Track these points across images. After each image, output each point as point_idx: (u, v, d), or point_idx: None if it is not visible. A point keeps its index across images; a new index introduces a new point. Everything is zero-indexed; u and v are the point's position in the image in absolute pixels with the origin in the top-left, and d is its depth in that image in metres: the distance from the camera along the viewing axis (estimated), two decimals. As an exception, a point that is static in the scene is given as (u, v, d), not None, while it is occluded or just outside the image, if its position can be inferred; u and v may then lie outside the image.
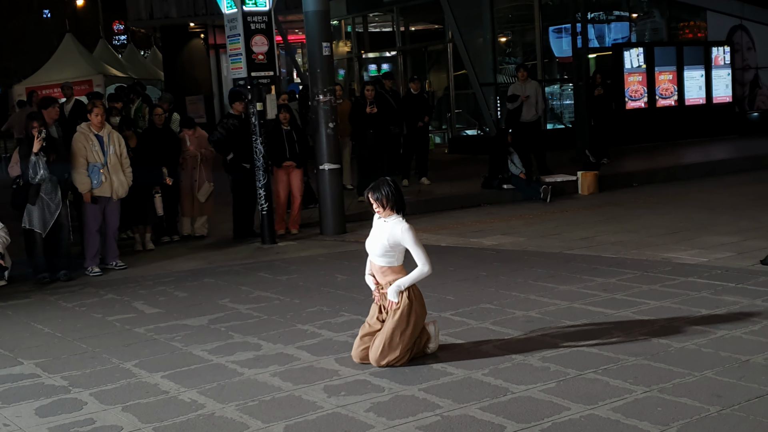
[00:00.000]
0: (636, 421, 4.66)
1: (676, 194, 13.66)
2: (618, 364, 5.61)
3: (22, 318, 7.84)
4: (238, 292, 8.39)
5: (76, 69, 25.78)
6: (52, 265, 9.43)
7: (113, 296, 8.56)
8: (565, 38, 20.99)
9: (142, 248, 11.03)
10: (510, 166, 13.91)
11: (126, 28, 45.61)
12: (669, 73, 20.67)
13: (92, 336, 7.05)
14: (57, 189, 9.30)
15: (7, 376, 6.06)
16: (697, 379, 5.28)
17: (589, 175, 14.42)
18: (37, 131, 9.08)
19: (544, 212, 12.61)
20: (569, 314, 6.89)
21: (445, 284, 8.20)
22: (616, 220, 11.55)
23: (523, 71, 15.76)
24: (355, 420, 4.92)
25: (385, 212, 5.89)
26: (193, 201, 11.63)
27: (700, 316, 6.64)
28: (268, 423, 4.93)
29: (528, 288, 7.87)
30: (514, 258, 9.35)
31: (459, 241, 10.66)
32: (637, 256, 9.01)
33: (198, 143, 11.68)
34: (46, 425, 5.08)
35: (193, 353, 6.40)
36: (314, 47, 11.44)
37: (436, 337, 6.06)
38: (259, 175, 10.89)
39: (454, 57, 21.70)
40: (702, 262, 8.58)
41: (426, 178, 15.35)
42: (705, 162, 16.77)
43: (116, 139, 9.83)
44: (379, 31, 26.17)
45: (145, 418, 5.11)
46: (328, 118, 11.38)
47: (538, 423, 4.71)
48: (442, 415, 4.90)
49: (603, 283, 7.86)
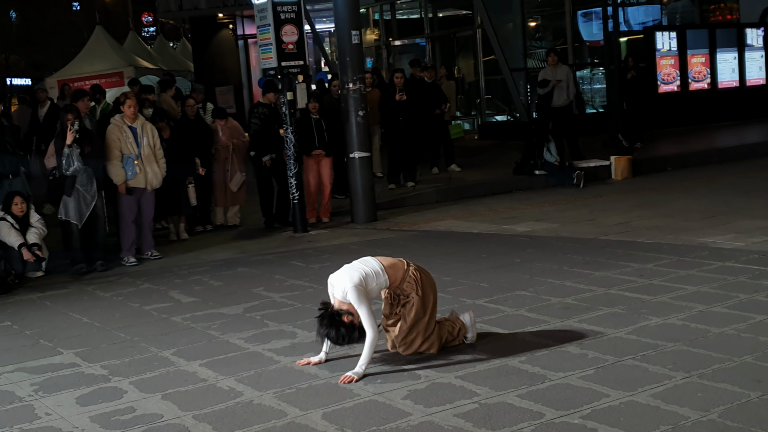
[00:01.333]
0: (676, 407, 4.63)
1: (711, 178, 13.54)
2: (656, 350, 5.57)
3: (60, 308, 7.93)
4: (272, 281, 8.42)
5: (107, 61, 25.90)
6: (89, 256, 9.52)
7: (149, 286, 8.62)
8: (595, 22, 20.82)
9: (176, 238, 11.11)
10: (545, 153, 13.82)
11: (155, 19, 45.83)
12: (701, 56, 20.44)
13: (130, 325, 7.12)
14: (92, 180, 9.37)
15: (48, 366, 6.13)
16: (737, 364, 5.24)
17: (622, 159, 14.31)
18: (71, 123, 9.15)
19: (577, 198, 12.54)
20: (606, 300, 6.85)
21: (479, 271, 8.18)
22: (650, 204, 11.47)
23: (554, 56, 15.66)
24: (392, 407, 4.92)
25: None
26: (225, 191, 11.70)
27: (738, 301, 6.58)
28: (306, 410, 4.95)
29: (563, 274, 7.83)
30: (548, 244, 9.31)
31: (491, 227, 10.62)
32: (673, 241, 8.94)
33: (230, 134, 11.73)
34: (87, 414, 5.13)
35: (229, 341, 6.44)
36: (343, 36, 11.43)
37: (473, 326, 6.02)
38: (290, 164, 10.92)
39: (483, 43, 21.59)
40: (739, 246, 8.49)
41: (456, 165, 15.29)
42: (739, 145, 16.60)
43: (149, 130, 9.89)
44: (407, 18, 26.09)
45: (185, 406, 5.15)
46: (358, 106, 11.38)
47: (578, 410, 4.69)
48: (479, 403, 4.90)
49: (639, 269, 7.80)
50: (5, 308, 8.08)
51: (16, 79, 50.07)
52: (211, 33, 27.70)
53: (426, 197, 12.99)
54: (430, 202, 12.88)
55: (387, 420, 4.74)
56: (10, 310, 7.98)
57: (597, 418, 4.56)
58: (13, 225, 9.21)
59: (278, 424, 4.79)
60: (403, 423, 4.68)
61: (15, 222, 9.23)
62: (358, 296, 5.45)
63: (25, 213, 9.33)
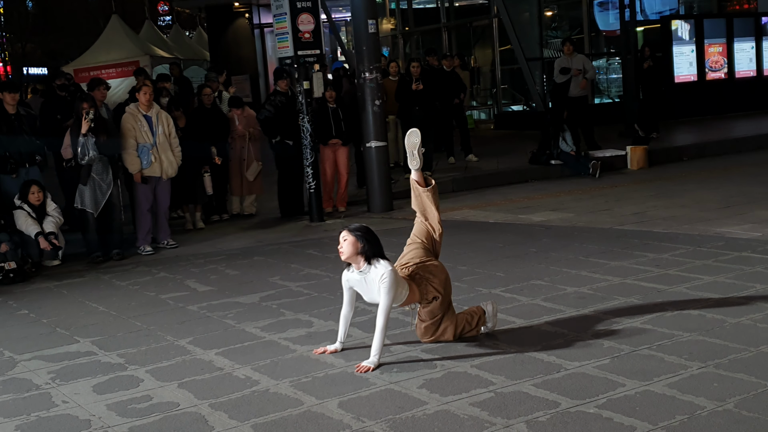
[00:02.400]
0: (692, 397, 4.62)
1: (727, 168, 13.47)
2: (672, 340, 5.56)
3: (77, 297, 7.97)
4: (288, 270, 8.44)
5: (123, 50, 26.00)
6: (105, 245, 9.56)
7: (165, 274, 8.66)
8: (611, 11, 20.73)
9: (192, 227, 11.14)
10: (561, 143, 13.78)
11: (171, 8, 45.86)
12: (719, 45, 20.32)
13: (146, 314, 7.15)
14: (108, 169, 9.40)
15: (65, 354, 6.17)
16: (753, 354, 5.22)
17: (638, 149, 14.25)
18: (86, 112, 9.18)
19: (593, 188, 12.50)
20: (622, 290, 6.83)
21: (495, 261, 8.17)
22: (666, 194, 11.42)
23: (569, 45, 15.60)
24: (408, 396, 4.93)
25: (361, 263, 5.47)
26: (241, 180, 11.72)
27: (755, 291, 6.55)
28: (323, 399, 4.96)
29: (579, 264, 7.82)
30: (564, 234, 9.29)
31: (507, 217, 10.61)
32: (689, 231, 8.91)
33: (246, 122, 11.74)
34: (104, 402, 5.16)
35: (246, 330, 6.46)
36: (360, 25, 11.43)
37: (494, 316, 5.99)
38: (306, 153, 10.93)
39: (499, 32, 21.53)
40: (755, 236, 8.45)
41: (473, 155, 15.28)
42: (756, 135, 16.48)
43: (164, 119, 9.91)
44: (423, 7, 26.03)
45: (201, 394, 5.18)
46: (374, 95, 11.37)
47: (593, 399, 4.69)
48: (495, 392, 4.90)
49: (655, 259, 7.78)
50: (23, 296, 8.13)
51: (32, 68, 50.25)
52: (227, 22, 27.73)
53: (442, 187, 12.81)
54: (446, 191, 12.86)
55: (403, 409, 4.75)
56: (27, 299, 8.03)
57: (612, 408, 4.56)
58: (30, 214, 9.26)
59: (294, 412, 4.80)
60: (419, 412, 4.69)
61: (32, 211, 9.28)
62: (391, 284, 5.36)
63: (41, 202, 9.37)
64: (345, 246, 5.44)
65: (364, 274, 5.46)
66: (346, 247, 5.43)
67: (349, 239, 5.45)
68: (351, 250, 5.43)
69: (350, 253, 5.44)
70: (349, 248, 5.43)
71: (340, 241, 5.47)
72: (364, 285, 5.51)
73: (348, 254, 5.46)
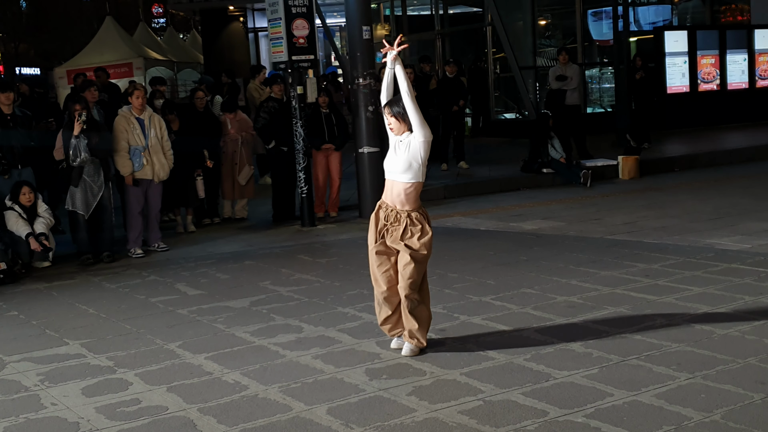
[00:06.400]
0: (680, 408, 4.64)
1: (719, 180, 13.52)
2: (661, 351, 5.58)
3: (66, 299, 7.96)
4: (278, 275, 8.44)
5: (117, 52, 25.92)
6: (96, 247, 9.55)
7: (156, 278, 8.65)
8: (605, 21, 20.78)
9: (183, 230, 11.13)
10: (550, 150, 13.81)
11: (165, 11, 45.81)
12: (711, 57, 20.39)
13: (136, 317, 7.14)
14: (100, 171, 9.40)
15: (54, 356, 6.16)
16: (741, 366, 5.25)
17: (629, 159, 14.29)
18: (78, 114, 9.17)
19: (584, 197, 12.54)
20: (611, 300, 6.86)
21: (485, 268, 8.19)
22: (657, 205, 11.46)
23: (565, 54, 15.65)
24: (397, 403, 4.94)
25: (402, 129, 5.92)
26: (233, 184, 11.71)
27: (744, 303, 6.58)
28: (311, 405, 4.97)
29: (569, 273, 7.84)
30: (555, 242, 9.32)
31: (498, 225, 10.63)
32: (680, 242, 8.94)
33: (239, 126, 11.75)
34: (92, 405, 5.16)
35: (235, 335, 6.46)
36: (354, 31, 11.43)
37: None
38: (299, 158, 10.94)
39: (493, 40, 21.56)
40: (745, 248, 8.48)
41: (464, 162, 15.29)
42: (748, 147, 16.54)
43: (157, 122, 9.91)
44: (418, 14, 26.06)
45: (190, 398, 5.18)
46: (367, 101, 11.38)
47: (582, 409, 4.70)
48: (484, 400, 4.91)
49: (645, 269, 7.81)
50: (12, 298, 8.11)
51: (25, 69, 50.13)
52: (222, 25, 27.67)
53: (433, 193, 12.98)
54: (437, 198, 12.88)
55: (391, 416, 4.76)
56: (16, 300, 8.01)
57: (600, 417, 4.57)
58: (21, 215, 9.24)
59: (283, 418, 4.81)
60: (408, 419, 4.70)
61: (23, 212, 9.27)
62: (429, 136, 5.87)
63: (32, 203, 9.36)
64: (395, 125, 5.93)
65: (409, 138, 5.88)
66: (395, 125, 5.93)
67: (395, 122, 5.93)
68: (401, 128, 5.91)
69: (401, 130, 5.92)
70: (399, 126, 5.92)
71: (390, 120, 5.93)
72: (406, 145, 5.89)
73: (398, 131, 5.94)
